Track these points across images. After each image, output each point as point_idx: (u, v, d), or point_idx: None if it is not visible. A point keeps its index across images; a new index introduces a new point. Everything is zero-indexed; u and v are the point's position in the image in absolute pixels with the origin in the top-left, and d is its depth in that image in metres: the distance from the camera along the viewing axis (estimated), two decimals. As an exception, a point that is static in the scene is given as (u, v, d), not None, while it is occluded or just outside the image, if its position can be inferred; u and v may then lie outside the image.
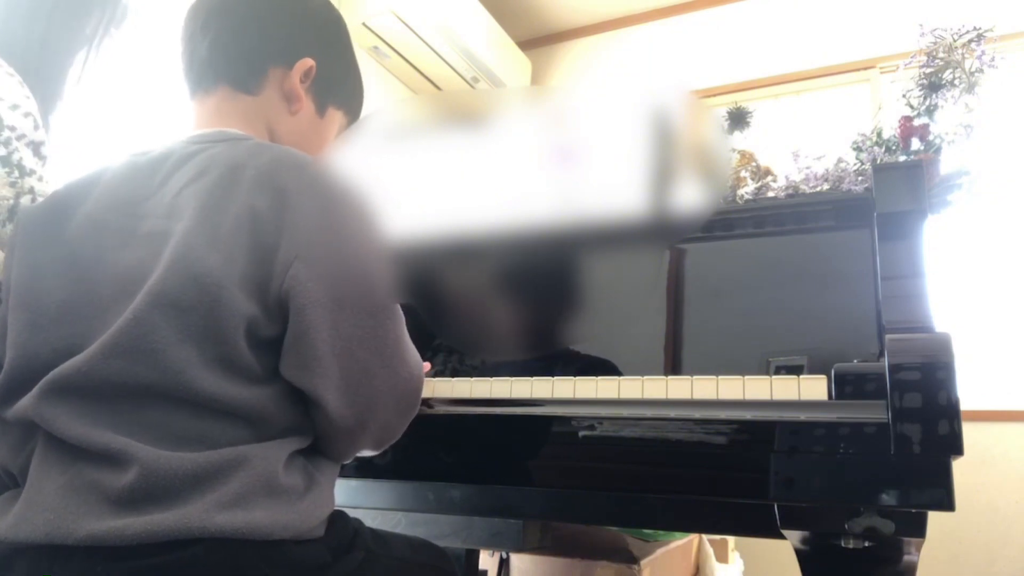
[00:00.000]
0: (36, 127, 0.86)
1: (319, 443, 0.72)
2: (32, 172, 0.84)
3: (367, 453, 0.79)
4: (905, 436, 0.71)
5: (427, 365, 1.03)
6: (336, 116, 0.89)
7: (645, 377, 0.89)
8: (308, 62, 0.83)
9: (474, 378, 0.99)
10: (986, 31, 1.13)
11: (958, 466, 0.72)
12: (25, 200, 0.83)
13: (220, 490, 0.60)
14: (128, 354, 0.62)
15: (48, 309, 0.67)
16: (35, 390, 0.63)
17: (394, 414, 0.73)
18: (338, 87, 0.89)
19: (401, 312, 0.73)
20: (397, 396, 0.72)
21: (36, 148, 0.86)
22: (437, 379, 1.02)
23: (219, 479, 0.60)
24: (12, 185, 0.82)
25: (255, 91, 0.81)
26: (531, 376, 0.95)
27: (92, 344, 0.64)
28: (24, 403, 0.64)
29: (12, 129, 0.83)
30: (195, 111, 0.82)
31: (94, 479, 0.60)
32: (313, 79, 0.84)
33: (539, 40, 3.32)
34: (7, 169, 0.81)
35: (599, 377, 0.91)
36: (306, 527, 0.64)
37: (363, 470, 0.98)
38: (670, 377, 0.88)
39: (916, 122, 1.14)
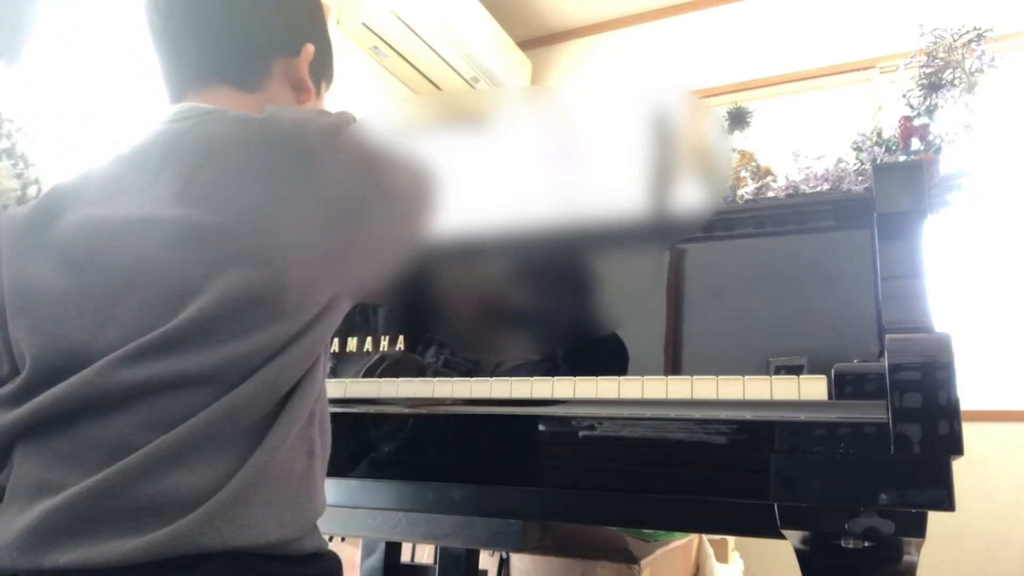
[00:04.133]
0: (34, 118, 0.86)
1: None
2: (34, 163, 0.84)
3: None
4: (905, 436, 0.71)
5: None
6: (323, 91, 0.87)
7: (645, 377, 0.89)
8: (311, 48, 0.80)
9: (474, 378, 0.99)
10: (986, 31, 1.13)
11: (958, 466, 0.72)
12: (32, 191, 0.82)
13: (212, 501, 0.58)
14: (180, 349, 0.60)
15: (44, 308, 0.64)
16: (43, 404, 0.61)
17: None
18: (328, 65, 0.86)
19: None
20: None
21: (33, 139, 0.86)
22: (437, 379, 1.02)
23: (213, 490, 0.59)
24: (19, 176, 0.81)
25: (259, 88, 0.77)
26: (531, 376, 0.95)
27: (104, 340, 0.62)
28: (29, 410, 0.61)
29: (11, 121, 0.82)
30: None
31: (80, 492, 0.57)
32: (311, 63, 0.81)
33: (539, 40, 3.32)
34: (12, 161, 0.81)
35: (599, 377, 0.91)
36: (301, 523, 0.64)
37: (363, 470, 0.98)
38: (670, 377, 0.88)
39: (916, 122, 1.14)
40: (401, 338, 1.12)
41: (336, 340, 1.17)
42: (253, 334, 0.62)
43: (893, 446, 0.71)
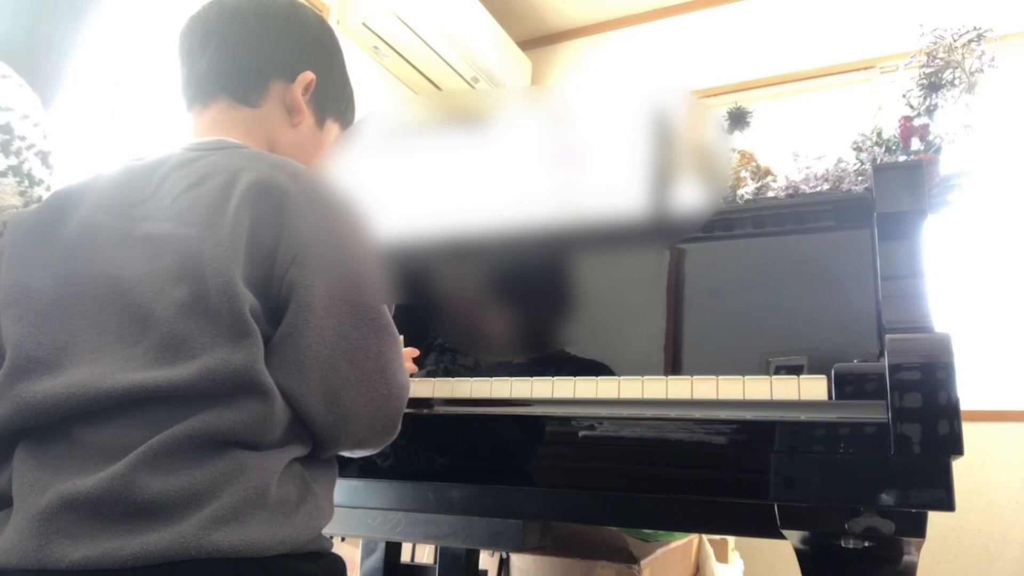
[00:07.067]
0: (45, 137, 0.86)
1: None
2: (40, 182, 0.84)
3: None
4: (905, 436, 0.71)
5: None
6: (334, 128, 0.91)
7: (645, 377, 0.89)
8: (309, 75, 0.85)
9: (474, 378, 0.99)
10: (986, 31, 1.13)
11: (958, 466, 0.72)
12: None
13: (215, 504, 0.58)
14: (164, 363, 0.62)
15: (36, 305, 0.67)
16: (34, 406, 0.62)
17: (368, 432, 0.71)
18: (336, 99, 0.91)
19: (395, 331, 0.72)
20: (372, 413, 0.70)
21: (44, 158, 0.86)
22: (437, 379, 1.02)
23: (215, 493, 0.59)
24: (22, 195, 0.82)
25: (256, 103, 0.83)
26: (531, 376, 0.95)
27: (85, 344, 0.64)
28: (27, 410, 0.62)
29: (23, 139, 0.83)
30: (192, 122, 0.83)
31: (81, 495, 0.58)
32: (313, 92, 0.86)
33: (539, 40, 3.32)
34: (18, 179, 0.82)
35: (599, 377, 0.91)
36: (303, 539, 0.64)
37: (363, 470, 0.98)
38: (670, 377, 0.88)
39: (916, 122, 1.14)
40: (401, 338, 1.12)
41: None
42: (222, 346, 0.63)
43: (893, 446, 0.72)
